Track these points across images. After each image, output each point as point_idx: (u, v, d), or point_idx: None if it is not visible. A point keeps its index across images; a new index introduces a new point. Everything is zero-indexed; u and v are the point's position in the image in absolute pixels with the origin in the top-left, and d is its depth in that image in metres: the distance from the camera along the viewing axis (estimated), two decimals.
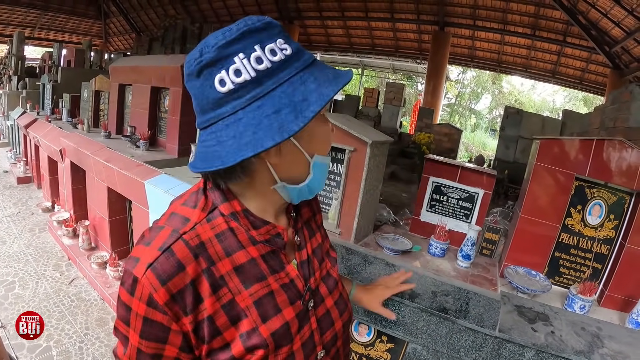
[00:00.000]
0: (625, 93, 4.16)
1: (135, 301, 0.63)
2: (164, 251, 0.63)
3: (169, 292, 0.62)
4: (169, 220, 0.70)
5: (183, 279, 0.63)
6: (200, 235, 0.67)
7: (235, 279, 0.68)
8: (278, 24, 0.67)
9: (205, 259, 0.66)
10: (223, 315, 0.66)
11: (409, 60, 17.38)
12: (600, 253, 2.16)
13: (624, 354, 1.36)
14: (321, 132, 0.74)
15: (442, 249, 2.43)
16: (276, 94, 0.62)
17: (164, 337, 0.64)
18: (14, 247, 4.08)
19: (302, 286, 0.78)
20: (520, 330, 1.43)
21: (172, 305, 0.62)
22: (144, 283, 0.62)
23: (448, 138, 7.97)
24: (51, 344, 2.75)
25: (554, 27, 11.35)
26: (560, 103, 22.67)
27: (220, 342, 0.67)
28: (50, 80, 7.61)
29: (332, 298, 0.86)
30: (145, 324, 0.63)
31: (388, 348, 1.70)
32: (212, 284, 0.66)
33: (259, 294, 0.70)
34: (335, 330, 0.84)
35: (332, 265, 0.91)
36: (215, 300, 0.66)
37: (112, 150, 3.59)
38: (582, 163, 2.05)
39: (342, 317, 0.87)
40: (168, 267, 0.62)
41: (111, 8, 20.87)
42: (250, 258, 0.71)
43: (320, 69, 0.67)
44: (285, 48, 0.64)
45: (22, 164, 6.54)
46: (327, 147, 0.77)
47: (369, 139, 2.26)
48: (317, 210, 0.98)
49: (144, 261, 0.63)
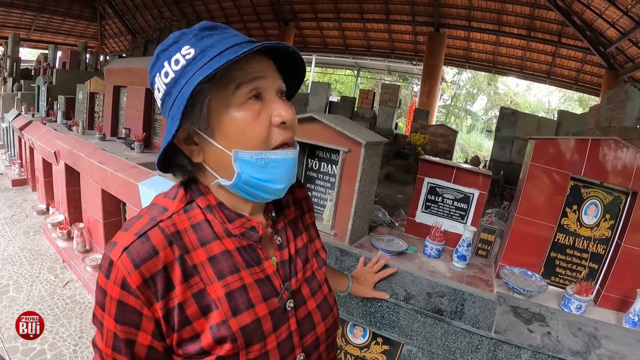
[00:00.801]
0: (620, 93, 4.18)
1: (110, 284, 0.64)
2: (140, 236, 0.65)
3: (142, 276, 0.63)
4: (149, 210, 0.73)
5: (156, 264, 0.65)
6: (177, 224, 0.70)
7: (208, 269, 0.69)
8: (193, 30, 0.68)
9: (179, 247, 0.68)
10: (193, 304, 0.67)
11: (405, 61, 17.40)
12: (596, 253, 2.16)
13: (621, 354, 1.35)
14: (233, 125, 0.68)
15: (437, 250, 2.42)
16: (177, 98, 0.66)
17: (137, 322, 0.65)
18: (8, 250, 4.05)
19: (279, 284, 0.76)
20: (517, 331, 1.43)
21: (145, 290, 0.64)
22: (119, 266, 0.63)
23: (444, 139, 7.99)
24: (45, 347, 2.72)
25: (548, 28, 11.40)
26: (556, 104, 22.80)
27: (190, 332, 0.67)
28: (45, 82, 7.58)
29: (314, 301, 0.84)
30: (119, 308, 0.64)
31: (383, 350, 1.69)
32: (184, 272, 0.67)
33: (231, 287, 0.70)
34: (316, 334, 0.82)
35: (318, 266, 0.90)
36: (187, 288, 0.67)
37: (107, 152, 3.57)
38: (577, 163, 2.05)
39: (325, 320, 0.85)
40: (142, 251, 0.64)
41: (107, 10, 20.83)
42: (224, 250, 0.72)
43: (222, 57, 0.64)
44: (188, 53, 0.66)
45: (17, 166, 6.50)
46: (247, 140, 0.68)
47: (363, 140, 2.25)
48: (306, 210, 0.97)
49: (120, 245, 0.65)
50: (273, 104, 0.70)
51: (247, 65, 0.68)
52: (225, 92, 0.67)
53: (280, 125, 0.70)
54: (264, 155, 0.69)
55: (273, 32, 16.38)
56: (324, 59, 19.98)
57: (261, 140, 0.69)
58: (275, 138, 0.70)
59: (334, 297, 0.92)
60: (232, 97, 0.68)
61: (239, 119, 0.68)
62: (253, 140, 0.69)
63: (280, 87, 0.73)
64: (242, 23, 16.83)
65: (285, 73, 0.76)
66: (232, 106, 0.68)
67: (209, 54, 0.65)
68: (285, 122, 0.71)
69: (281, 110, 0.70)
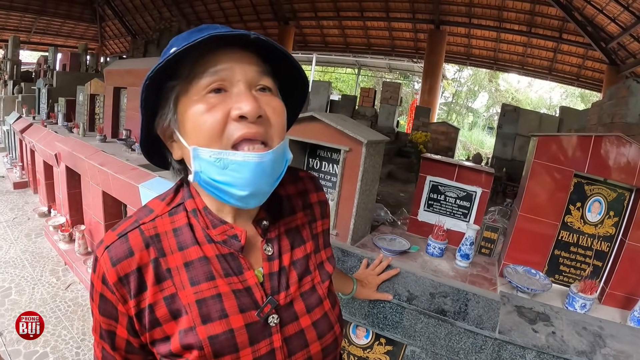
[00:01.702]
0: (622, 89, 4.15)
1: (95, 277, 0.69)
2: (121, 237, 0.69)
3: (117, 274, 0.66)
4: (139, 211, 0.75)
5: (130, 264, 0.67)
6: (158, 227, 0.71)
7: (182, 274, 0.69)
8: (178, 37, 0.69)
9: (156, 250, 0.69)
10: (163, 307, 0.68)
11: (405, 59, 17.40)
12: (600, 250, 2.14)
13: (627, 353, 1.34)
14: (189, 118, 0.66)
15: (440, 248, 2.40)
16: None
17: (115, 316, 0.69)
18: (10, 253, 4.05)
19: (260, 296, 0.72)
20: (521, 331, 1.41)
21: (119, 287, 0.67)
22: (101, 262, 0.68)
23: (445, 137, 7.96)
24: (48, 350, 2.72)
25: (549, 24, 11.37)
26: (558, 100, 22.75)
27: (161, 333, 0.68)
28: (46, 85, 7.58)
29: (310, 317, 0.77)
30: (101, 300, 0.69)
31: (387, 350, 1.68)
32: (157, 275, 0.68)
33: (204, 294, 0.68)
34: (309, 354, 0.76)
35: (321, 279, 0.83)
36: (158, 291, 0.68)
37: (107, 154, 3.57)
38: (580, 160, 2.03)
39: (321, 339, 0.78)
40: (120, 251, 0.67)
41: (106, 11, 20.84)
42: (202, 256, 0.71)
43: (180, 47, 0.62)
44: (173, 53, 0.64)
45: (18, 169, 6.50)
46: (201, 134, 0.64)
47: (364, 139, 2.24)
48: (319, 216, 0.91)
49: (105, 243, 0.69)
50: (237, 96, 0.65)
51: (212, 59, 0.65)
52: (188, 88, 0.67)
53: (240, 120, 0.64)
54: (223, 155, 0.63)
55: (273, 31, 16.37)
56: (324, 57, 19.99)
57: (214, 134, 0.63)
58: (231, 132, 0.64)
59: (337, 313, 0.85)
60: (194, 91, 0.66)
61: (194, 111, 0.65)
62: (205, 133, 0.64)
63: (254, 80, 0.68)
64: (242, 23, 16.82)
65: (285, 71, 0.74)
66: (192, 100, 0.66)
67: (175, 46, 0.64)
68: (246, 116, 0.63)
69: (242, 103, 0.63)
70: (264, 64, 0.71)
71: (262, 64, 0.70)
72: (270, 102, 0.68)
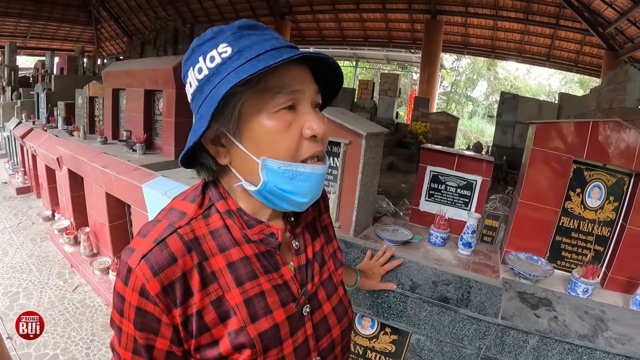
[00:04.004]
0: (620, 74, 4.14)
1: (129, 291, 0.63)
2: (159, 243, 0.65)
3: (161, 284, 0.63)
4: (167, 214, 0.71)
5: (174, 271, 0.64)
6: (195, 230, 0.69)
7: (227, 275, 0.69)
8: (232, 27, 0.67)
9: (198, 254, 0.67)
10: (212, 311, 0.67)
11: (403, 50, 17.28)
12: (601, 235, 2.15)
13: (629, 336, 1.35)
14: (262, 132, 0.66)
15: (442, 238, 2.42)
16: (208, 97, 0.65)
17: (156, 329, 0.65)
18: (16, 258, 4.08)
19: (296, 289, 0.76)
20: (523, 316, 1.43)
21: (163, 297, 0.63)
22: (137, 273, 0.63)
23: (445, 126, 7.95)
24: (58, 352, 2.75)
25: (546, 10, 11.28)
26: (557, 86, 22.67)
27: (209, 338, 0.67)
28: (44, 89, 7.58)
29: (330, 304, 0.83)
30: (138, 315, 0.64)
31: (392, 340, 1.70)
32: (203, 279, 0.67)
33: (250, 293, 0.70)
34: (332, 337, 0.82)
35: (335, 268, 0.89)
36: (205, 295, 0.67)
37: (109, 156, 3.58)
38: (579, 146, 2.04)
39: (340, 323, 0.84)
40: (161, 259, 0.63)
41: (102, 13, 20.73)
42: (243, 256, 0.71)
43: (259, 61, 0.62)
44: (225, 51, 0.65)
45: (21, 174, 6.53)
46: (276, 150, 0.67)
47: (364, 131, 2.25)
48: (323, 210, 0.96)
49: (139, 252, 0.64)
50: (306, 115, 0.68)
51: (286, 73, 0.66)
52: (260, 99, 0.65)
53: (311, 139, 0.68)
54: (293, 167, 0.67)
55: (269, 26, 16.21)
56: (321, 51, 19.75)
57: (290, 152, 0.67)
58: (304, 151, 0.68)
59: (349, 298, 0.91)
60: (267, 104, 0.65)
61: (270, 128, 0.66)
62: (282, 150, 0.67)
63: (315, 98, 0.71)
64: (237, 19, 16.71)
65: (321, 81, 0.74)
66: (264, 113, 0.66)
67: (245, 55, 0.63)
68: (317, 136, 0.69)
69: (313, 123, 0.67)
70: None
71: (315, 82, 0.72)
72: (323, 119, 0.71)
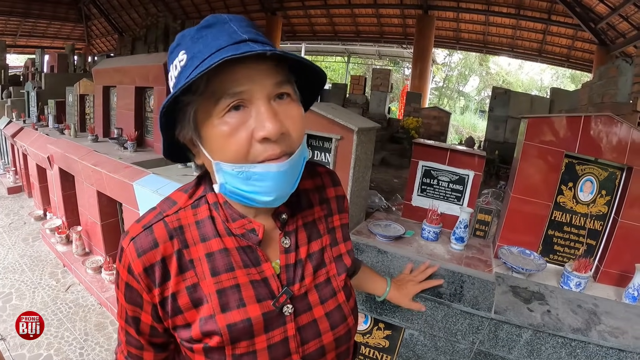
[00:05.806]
0: (612, 68, 4.18)
1: (121, 267, 0.73)
2: (146, 229, 0.72)
3: (143, 265, 0.71)
4: (162, 202, 0.78)
5: (155, 255, 0.71)
6: (181, 219, 0.75)
7: (204, 264, 0.73)
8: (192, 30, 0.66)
9: (179, 241, 0.73)
10: (186, 296, 0.72)
11: (395, 45, 17.34)
12: (593, 229, 2.17)
13: (622, 329, 1.36)
14: (212, 137, 0.66)
15: (435, 232, 2.43)
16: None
17: (140, 303, 0.74)
18: (8, 258, 4.04)
19: (277, 287, 0.75)
20: (516, 310, 1.44)
21: (144, 277, 0.71)
22: (127, 253, 0.72)
23: (437, 121, 7.99)
24: (52, 352, 2.73)
25: (538, 5, 11.32)
26: (548, 81, 22.79)
27: (182, 320, 0.73)
28: (35, 87, 7.49)
29: (323, 308, 0.80)
30: (127, 289, 0.73)
31: (386, 335, 1.70)
32: (180, 265, 0.72)
33: (224, 284, 0.72)
34: (322, 343, 0.79)
35: (338, 272, 0.85)
36: (181, 280, 0.72)
37: (100, 154, 3.55)
38: (571, 140, 2.05)
39: (334, 330, 0.81)
40: (145, 242, 0.71)
41: (92, 10, 20.54)
42: (223, 248, 0.74)
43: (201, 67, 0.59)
44: (181, 59, 0.65)
45: (12, 173, 6.45)
46: (226, 154, 0.65)
47: (355, 126, 2.25)
48: (336, 211, 0.92)
49: (130, 235, 0.73)
50: (259, 115, 0.63)
51: (230, 75, 0.62)
52: (207, 105, 0.64)
53: (264, 141, 0.64)
54: (245, 168, 0.65)
55: (260, 22, 16.15)
56: (313, 47, 19.87)
57: (240, 155, 0.65)
58: (257, 154, 0.65)
59: (352, 306, 0.87)
60: (214, 110, 0.64)
61: (218, 133, 0.65)
62: (231, 155, 0.65)
63: (272, 92, 0.65)
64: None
65: (302, 71, 0.70)
66: (213, 118, 0.65)
67: (195, 62, 0.62)
68: (269, 138, 0.63)
69: (265, 123, 0.63)
70: (280, 66, 0.67)
71: (278, 72, 0.66)
72: (289, 111, 0.67)
